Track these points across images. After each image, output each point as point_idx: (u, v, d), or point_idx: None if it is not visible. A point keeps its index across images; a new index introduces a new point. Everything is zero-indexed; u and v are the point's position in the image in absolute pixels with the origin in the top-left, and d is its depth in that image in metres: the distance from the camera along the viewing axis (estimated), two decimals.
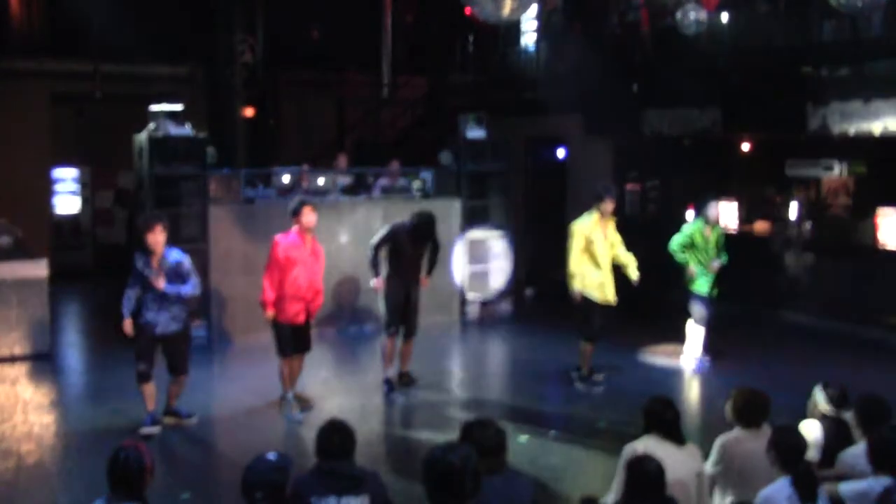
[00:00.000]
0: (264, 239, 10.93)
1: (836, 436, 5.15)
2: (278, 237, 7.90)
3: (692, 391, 9.23)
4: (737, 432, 5.04)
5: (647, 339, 10.65)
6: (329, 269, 11.08)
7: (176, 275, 7.31)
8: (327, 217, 11.31)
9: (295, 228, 7.88)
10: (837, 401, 5.36)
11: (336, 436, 4.37)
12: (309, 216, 7.84)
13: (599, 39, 14.10)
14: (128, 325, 7.31)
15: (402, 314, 8.56)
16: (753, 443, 4.83)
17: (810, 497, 4.20)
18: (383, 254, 8.56)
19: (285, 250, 7.76)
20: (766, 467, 4.53)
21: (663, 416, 4.80)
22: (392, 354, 8.64)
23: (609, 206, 8.76)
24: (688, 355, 9.68)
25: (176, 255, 7.38)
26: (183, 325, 7.47)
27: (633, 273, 8.81)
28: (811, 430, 5.18)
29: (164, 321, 7.31)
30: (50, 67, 14.52)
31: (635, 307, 12.96)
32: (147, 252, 7.26)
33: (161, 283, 7.19)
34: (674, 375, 9.57)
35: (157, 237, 7.23)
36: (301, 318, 7.90)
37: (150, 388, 7.40)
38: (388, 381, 8.62)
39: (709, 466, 4.97)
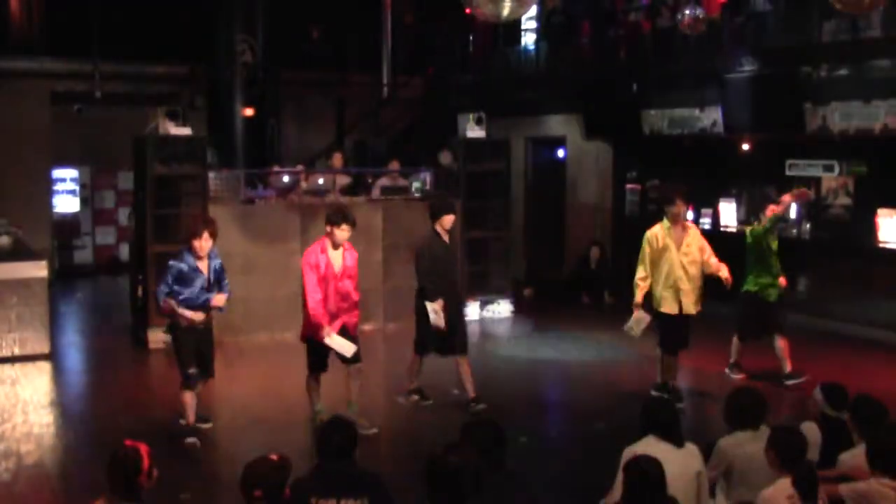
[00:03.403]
0: (264, 239, 11.01)
1: (836, 436, 5.15)
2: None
3: (692, 391, 9.20)
4: (736, 434, 5.03)
5: (642, 338, 10.64)
6: None
7: (218, 280, 7.33)
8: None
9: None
10: (837, 401, 5.36)
11: (337, 434, 4.37)
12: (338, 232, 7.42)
13: (599, 39, 14.10)
14: (171, 302, 7.07)
15: (441, 335, 7.98)
16: (753, 444, 4.82)
17: (811, 497, 4.20)
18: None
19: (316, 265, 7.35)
20: (767, 468, 4.53)
21: (662, 417, 4.80)
22: (416, 370, 8.29)
23: (679, 209, 8.14)
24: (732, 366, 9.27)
25: (217, 259, 7.35)
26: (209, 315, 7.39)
27: (725, 275, 8.24)
28: (811, 430, 5.18)
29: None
30: (50, 67, 14.52)
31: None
32: (192, 256, 7.15)
33: (221, 301, 7.26)
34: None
35: (204, 243, 7.14)
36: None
37: (192, 397, 7.23)
38: (409, 392, 8.36)
39: (709, 469, 4.96)
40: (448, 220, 7.97)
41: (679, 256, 8.09)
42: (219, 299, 7.31)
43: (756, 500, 4.35)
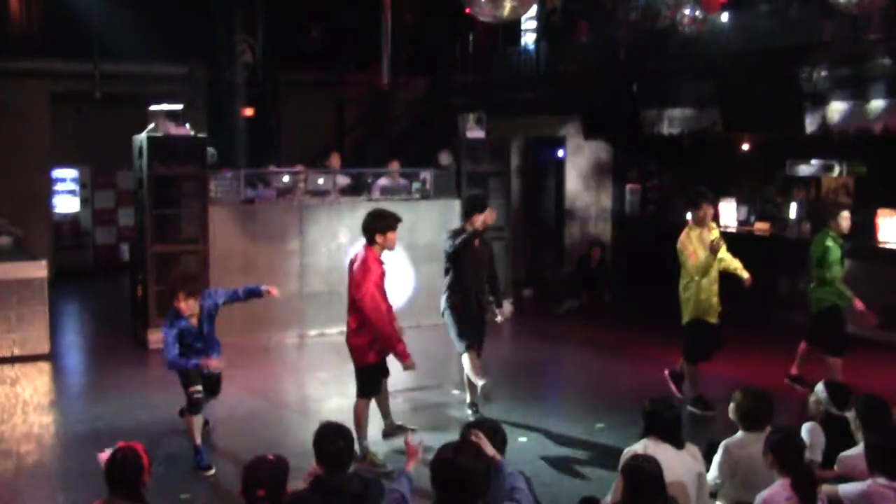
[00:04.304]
0: (264, 239, 11.02)
1: (838, 436, 5.15)
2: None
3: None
4: (740, 435, 5.03)
5: (643, 339, 10.65)
6: (329, 270, 11.15)
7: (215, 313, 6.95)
8: (327, 217, 11.34)
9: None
10: (839, 400, 5.35)
11: (332, 443, 4.34)
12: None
13: (600, 39, 14.10)
14: (210, 361, 6.66)
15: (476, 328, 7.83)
16: (757, 446, 4.81)
17: (810, 499, 4.19)
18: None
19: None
20: (769, 470, 4.52)
21: (663, 418, 4.79)
22: (478, 367, 7.77)
23: (706, 212, 7.87)
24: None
25: (208, 299, 6.87)
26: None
27: (744, 273, 8.05)
28: (812, 430, 5.17)
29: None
30: (50, 67, 14.52)
31: (633, 308, 12.97)
32: (181, 317, 6.65)
33: (215, 364, 6.77)
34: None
35: (183, 304, 6.61)
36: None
37: (199, 418, 6.77)
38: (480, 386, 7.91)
39: (713, 469, 4.96)
40: (479, 218, 7.83)
41: (711, 260, 7.78)
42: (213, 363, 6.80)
43: (755, 501, 4.34)
